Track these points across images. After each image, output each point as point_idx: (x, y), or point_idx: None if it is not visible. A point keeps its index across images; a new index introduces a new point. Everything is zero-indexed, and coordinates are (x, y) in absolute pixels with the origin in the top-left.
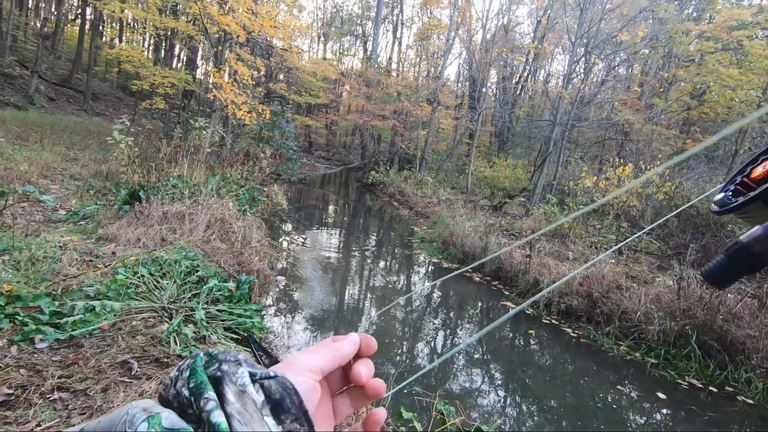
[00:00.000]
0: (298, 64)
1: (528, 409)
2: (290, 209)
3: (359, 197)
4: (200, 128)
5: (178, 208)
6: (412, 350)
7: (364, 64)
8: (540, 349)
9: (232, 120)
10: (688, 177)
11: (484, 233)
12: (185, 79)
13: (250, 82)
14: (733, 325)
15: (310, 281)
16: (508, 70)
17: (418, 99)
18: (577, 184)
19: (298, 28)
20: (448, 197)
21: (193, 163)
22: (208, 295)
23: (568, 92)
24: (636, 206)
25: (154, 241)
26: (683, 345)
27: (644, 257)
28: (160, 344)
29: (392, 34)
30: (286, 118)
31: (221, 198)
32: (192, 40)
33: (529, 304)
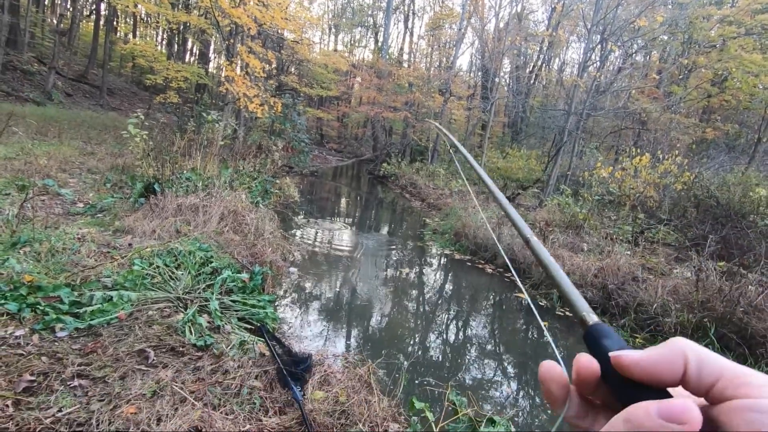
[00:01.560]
0: (309, 56)
1: (542, 402)
2: (303, 201)
3: (371, 189)
4: (213, 121)
5: (192, 201)
6: (424, 342)
7: (375, 55)
8: (554, 341)
9: (245, 113)
10: (709, 167)
11: (496, 224)
12: (198, 73)
13: (261, 74)
14: (754, 317)
15: (322, 273)
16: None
17: (429, 90)
18: (592, 175)
19: (309, 20)
20: (461, 189)
21: (206, 156)
22: (222, 286)
23: (583, 81)
24: (653, 197)
25: (169, 233)
26: (701, 337)
27: (661, 249)
28: (175, 333)
29: (404, 24)
30: (297, 110)
31: (234, 190)
32: (204, 33)
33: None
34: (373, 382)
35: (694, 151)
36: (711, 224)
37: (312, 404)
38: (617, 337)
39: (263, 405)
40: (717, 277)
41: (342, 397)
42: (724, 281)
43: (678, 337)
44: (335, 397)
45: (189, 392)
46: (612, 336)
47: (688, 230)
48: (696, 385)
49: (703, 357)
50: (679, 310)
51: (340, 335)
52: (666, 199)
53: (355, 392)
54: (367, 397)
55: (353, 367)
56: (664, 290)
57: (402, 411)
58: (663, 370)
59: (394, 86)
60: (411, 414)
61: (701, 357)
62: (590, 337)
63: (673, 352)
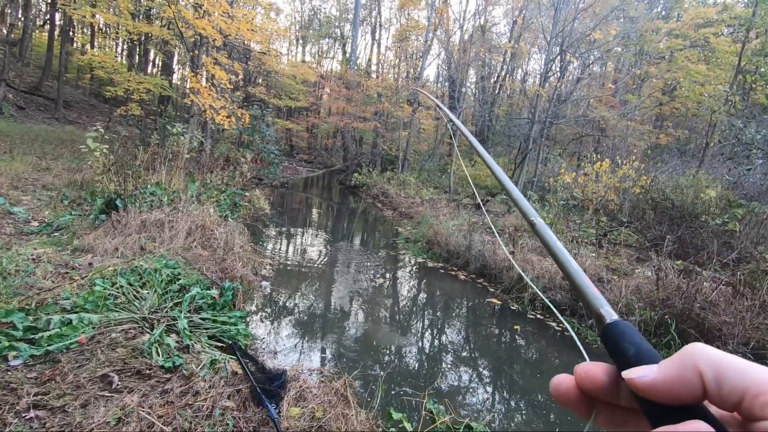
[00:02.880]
0: (277, 67)
1: (517, 405)
2: (273, 213)
3: (343, 199)
4: (178, 134)
5: (157, 216)
6: (401, 351)
7: (343, 66)
8: (526, 344)
9: (211, 125)
10: (663, 170)
11: (467, 231)
12: (161, 85)
13: (228, 86)
14: (710, 312)
15: (295, 286)
16: (486, 70)
17: (398, 100)
18: (557, 181)
19: (276, 31)
20: (431, 197)
21: (171, 170)
22: (190, 304)
23: (545, 90)
24: (614, 200)
25: (132, 251)
26: (663, 334)
27: (623, 250)
28: (141, 356)
29: (371, 35)
30: (266, 122)
31: (201, 204)
32: (167, 44)
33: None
34: (349, 396)
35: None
36: (668, 225)
37: (288, 422)
38: (637, 338)
39: (237, 426)
40: (675, 276)
41: (318, 412)
42: (681, 279)
43: (693, 344)
44: (311, 413)
45: (157, 417)
46: (631, 337)
47: (647, 231)
48: (720, 403)
49: (721, 369)
50: (642, 309)
51: (315, 349)
52: (626, 202)
53: (332, 407)
54: (344, 411)
55: (329, 380)
56: (627, 290)
57: (380, 423)
58: (680, 390)
59: (363, 97)
60: (389, 425)
61: (719, 369)
62: (607, 338)
63: (685, 369)
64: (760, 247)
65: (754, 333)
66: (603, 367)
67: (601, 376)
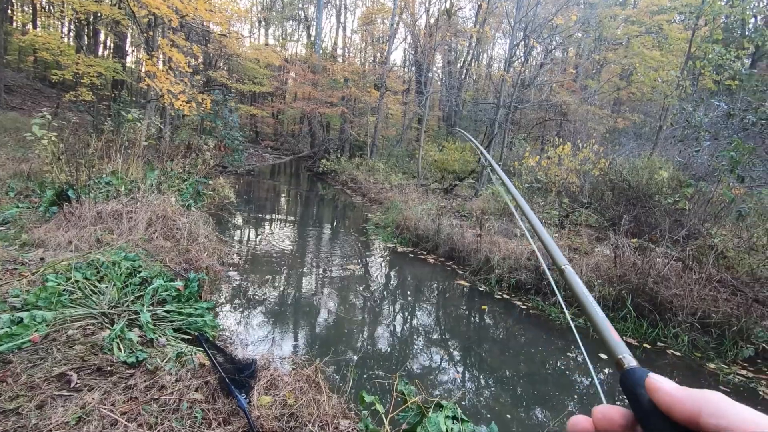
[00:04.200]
0: (238, 50)
1: (486, 381)
2: (240, 202)
3: (311, 186)
4: (133, 120)
5: (114, 207)
6: (372, 335)
7: (308, 50)
8: (494, 323)
9: (170, 111)
10: (620, 153)
11: (436, 216)
12: (114, 68)
13: (187, 69)
14: (662, 286)
15: (264, 274)
16: (453, 55)
17: (365, 85)
18: (521, 164)
19: (236, 12)
20: (400, 182)
21: (128, 158)
22: (153, 296)
23: (509, 75)
24: (575, 183)
25: (88, 244)
26: (620, 308)
27: (584, 230)
28: (102, 352)
29: (336, 18)
30: (228, 107)
31: (162, 193)
32: (119, 25)
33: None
34: (321, 381)
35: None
36: (624, 205)
37: (259, 410)
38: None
39: (206, 418)
40: (631, 253)
41: (290, 399)
42: (636, 256)
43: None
44: (283, 401)
45: (120, 414)
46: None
47: (606, 211)
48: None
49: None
50: (601, 285)
51: (286, 337)
52: (586, 184)
53: (304, 393)
54: (315, 397)
55: (300, 368)
56: (587, 268)
57: (353, 407)
58: (689, 410)
59: (329, 81)
60: (362, 408)
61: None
62: (625, 383)
63: (697, 398)
64: (707, 224)
65: (701, 304)
66: (620, 411)
67: (618, 419)
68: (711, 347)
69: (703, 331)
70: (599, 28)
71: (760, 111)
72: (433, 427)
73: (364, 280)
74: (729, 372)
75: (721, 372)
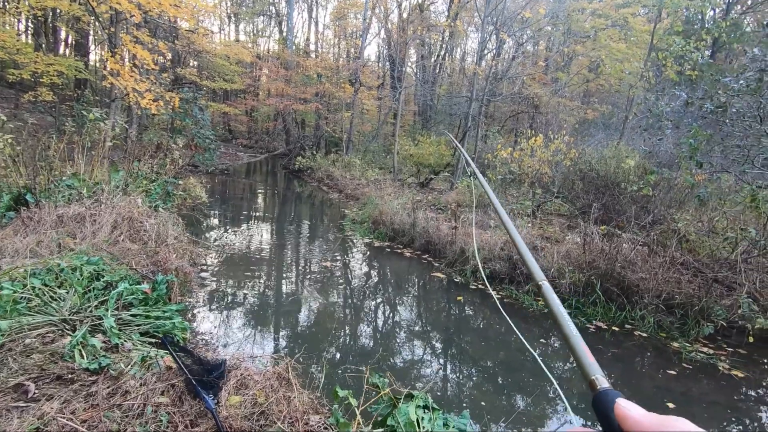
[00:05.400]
0: (208, 46)
1: (461, 370)
2: (213, 201)
3: (287, 184)
4: (96, 120)
5: (76, 210)
6: (349, 330)
7: (280, 46)
8: (471, 313)
9: (136, 110)
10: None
11: (411, 210)
12: (75, 67)
13: (153, 67)
14: (629, 270)
15: (238, 274)
16: (426, 49)
17: (339, 80)
18: (495, 156)
19: (203, 7)
20: (377, 178)
21: (92, 160)
22: (118, 301)
23: (481, 69)
24: (547, 173)
25: (49, 249)
26: (590, 293)
27: (556, 219)
28: (62, 360)
29: (308, 13)
30: (199, 105)
31: (128, 195)
32: (79, 21)
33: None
34: (292, 378)
35: (578, 130)
36: (594, 194)
37: (228, 410)
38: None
39: (171, 421)
40: (600, 240)
41: (260, 398)
42: (605, 243)
43: (678, 420)
44: (253, 399)
45: (80, 422)
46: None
47: (577, 200)
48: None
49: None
50: (572, 272)
51: (259, 335)
52: (558, 174)
53: (274, 391)
54: (286, 394)
55: (273, 365)
56: (558, 255)
57: (325, 402)
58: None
59: (302, 77)
60: (336, 403)
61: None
62: (598, 404)
63: (664, 424)
64: (672, 209)
65: (665, 286)
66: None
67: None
68: (675, 327)
69: (668, 312)
70: (568, 22)
71: (715, 99)
72: (403, 418)
73: (339, 276)
74: (691, 350)
75: (684, 350)
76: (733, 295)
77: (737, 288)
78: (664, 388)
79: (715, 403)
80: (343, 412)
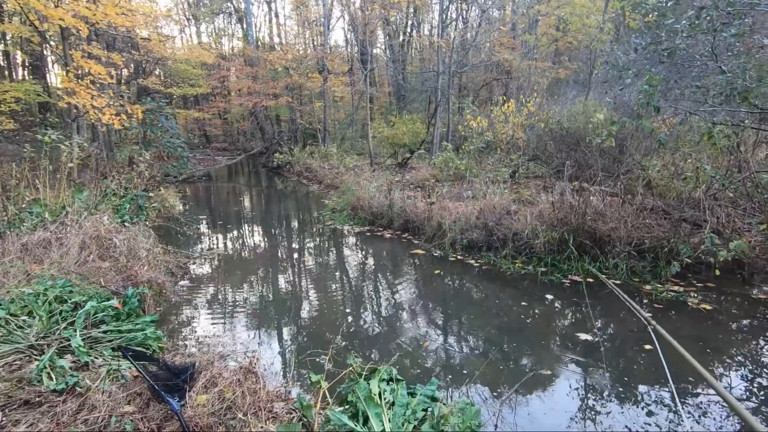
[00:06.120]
0: (167, 53)
1: (448, 339)
2: (195, 208)
3: (269, 182)
4: (54, 142)
5: (41, 236)
6: (326, 316)
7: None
8: (452, 284)
9: (100, 127)
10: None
11: (387, 191)
12: (33, 90)
13: (109, 80)
14: (600, 222)
15: (219, 276)
16: (393, 28)
17: (306, 71)
18: (465, 127)
19: (152, 13)
20: (355, 164)
21: (56, 183)
22: (86, 319)
23: (444, 41)
24: (522, 138)
25: (16, 279)
26: (564, 249)
27: (532, 182)
28: (29, 385)
29: (267, 6)
30: (164, 114)
31: (92, 214)
32: (30, 43)
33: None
34: (258, 370)
35: (551, 91)
36: (566, 152)
37: (194, 410)
38: None
39: (137, 428)
40: (571, 196)
41: (228, 393)
42: (573, 198)
43: None
44: (221, 396)
45: None
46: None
47: (551, 161)
48: None
49: None
50: (545, 231)
51: (234, 334)
52: (533, 137)
53: (240, 385)
54: (252, 387)
55: (243, 361)
56: (532, 217)
57: (291, 389)
58: None
59: (269, 72)
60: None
61: None
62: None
63: None
64: (645, 157)
65: (635, 232)
66: None
67: None
68: (647, 271)
69: (639, 258)
70: None
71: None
72: (363, 392)
73: (319, 267)
74: (662, 290)
75: (655, 291)
76: (700, 233)
77: (704, 225)
78: (638, 329)
79: (685, 337)
80: (316, 397)
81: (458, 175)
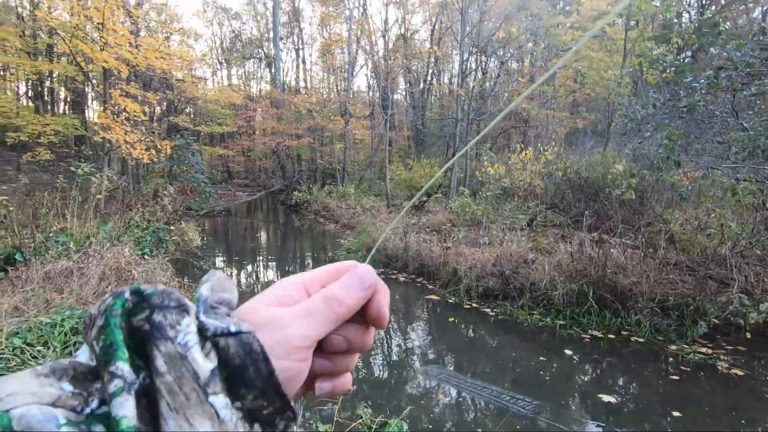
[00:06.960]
0: (198, 93)
1: (462, 394)
2: (213, 242)
3: (286, 219)
4: (86, 174)
5: (63, 265)
6: None
7: (271, 86)
8: (466, 333)
9: (130, 161)
10: (581, 152)
11: (403, 234)
12: (72, 124)
13: (143, 118)
14: (621, 275)
15: None
16: (414, 76)
17: (328, 113)
18: (482, 174)
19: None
20: (372, 205)
21: (83, 213)
22: None
23: (463, 90)
24: (540, 185)
25: (36, 307)
26: (584, 302)
27: (550, 230)
28: None
29: (295, 53)
30: (191, 150)
31: (114, 246)
32: (74, 81)
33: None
34: None
35: (569, 140)
36: (584, 201)
37: None
38: None
39: None
40: (590, 247)
41: None
42: (593, 249)
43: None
44: None
45: None
46: None
47: (569, 210)
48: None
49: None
50: (564, 282)
51: None
52: (550, 185)
53: None
54: None
55: None
56: (550, 266)
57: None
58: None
59: (294, 114)
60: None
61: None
62: None
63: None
64: (668, 209)
65: (659, 288)
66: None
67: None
68: (672, 329)
69: (663, 315)
70: (547, 37)
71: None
72: None
73: None
74: (689, 351)
75: (681, 352)
76: (727, 291)
77: (731, 283)
78: (665, 394)
79: (715, 406)
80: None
81: (475, 220)
